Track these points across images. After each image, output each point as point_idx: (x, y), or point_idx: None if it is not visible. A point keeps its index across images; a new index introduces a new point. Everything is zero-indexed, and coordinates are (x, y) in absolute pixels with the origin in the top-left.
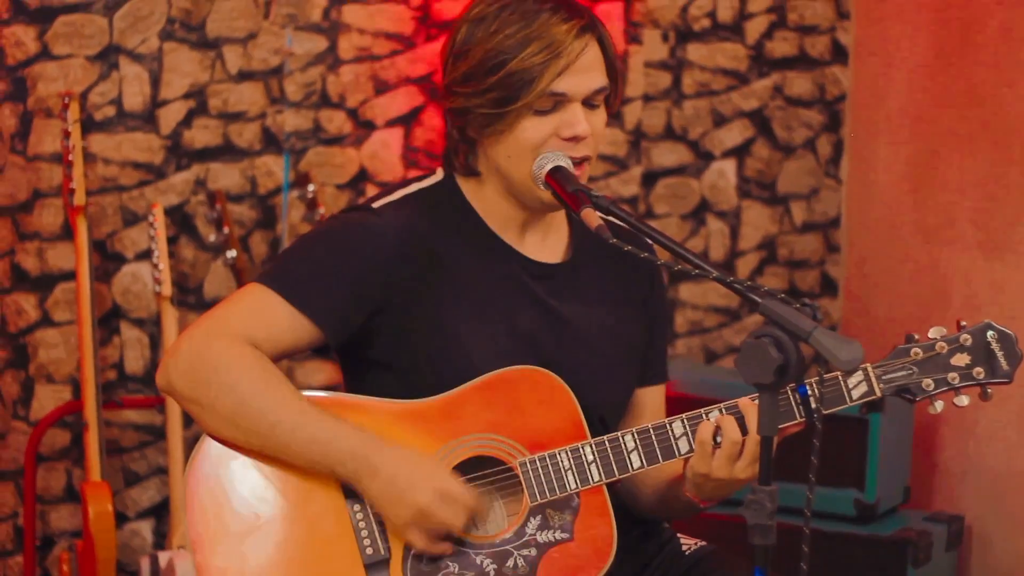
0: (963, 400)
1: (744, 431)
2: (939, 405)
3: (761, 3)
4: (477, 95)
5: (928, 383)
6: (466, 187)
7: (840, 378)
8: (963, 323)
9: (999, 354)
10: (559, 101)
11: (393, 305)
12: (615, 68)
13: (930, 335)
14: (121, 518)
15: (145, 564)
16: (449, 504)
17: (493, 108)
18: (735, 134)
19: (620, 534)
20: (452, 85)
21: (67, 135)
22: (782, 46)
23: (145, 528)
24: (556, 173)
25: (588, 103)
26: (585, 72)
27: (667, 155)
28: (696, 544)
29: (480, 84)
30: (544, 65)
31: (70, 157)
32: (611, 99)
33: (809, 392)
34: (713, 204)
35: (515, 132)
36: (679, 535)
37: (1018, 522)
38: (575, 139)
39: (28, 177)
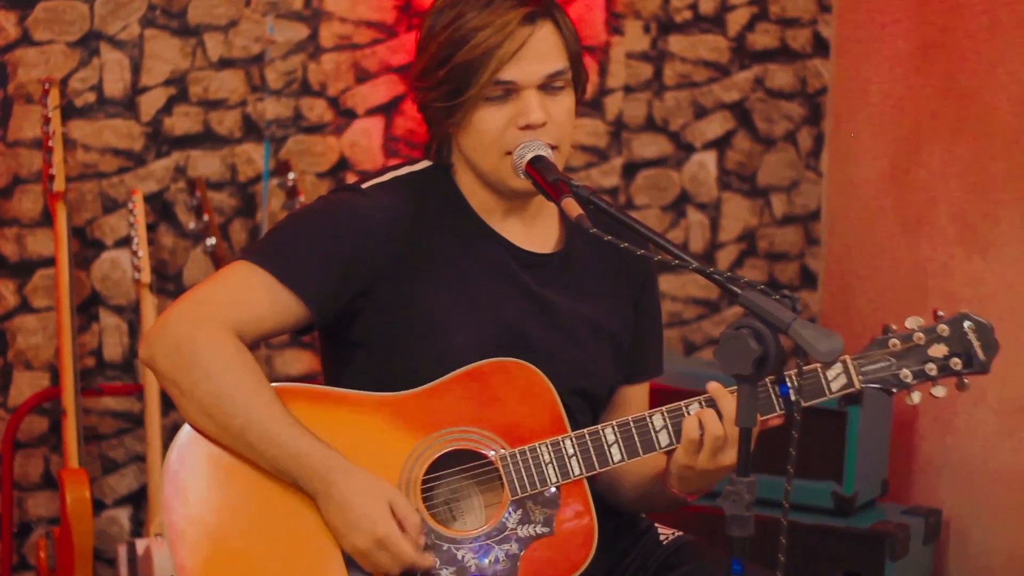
0: (940, 391)
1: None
2: (916, 396)
3: None
4: (432, 89)
5: (906, 374)
6: (455, 174)
7: (819, 370)
8: (940, 313)
9: (976, 344)
10: (510, 89)
11: (379, 286)
12: (574, 50)
13: (907, 325)
14: (99, 505)
15: (122, 551)
16: (388, 552)
17: (446, 101)
18: (716, 126)
19: (598, 525)
20: (413, 81)
21: (47, 121)
22: (763, 38)
23: (123, 515)
24: (536, 163)
25: (547, 89)
26: (536, 59)
27: (648, 146)
28: (673, 534)
29: (432, 79)
30: (487, 55)
31: (50, 143)
32: (577, 82)
33: (790, 388)
34: (693, 196)
35: (473, 124)
36: (656, 525)
37: (996, 515)
38: (529, 127)
39: (7, 163)
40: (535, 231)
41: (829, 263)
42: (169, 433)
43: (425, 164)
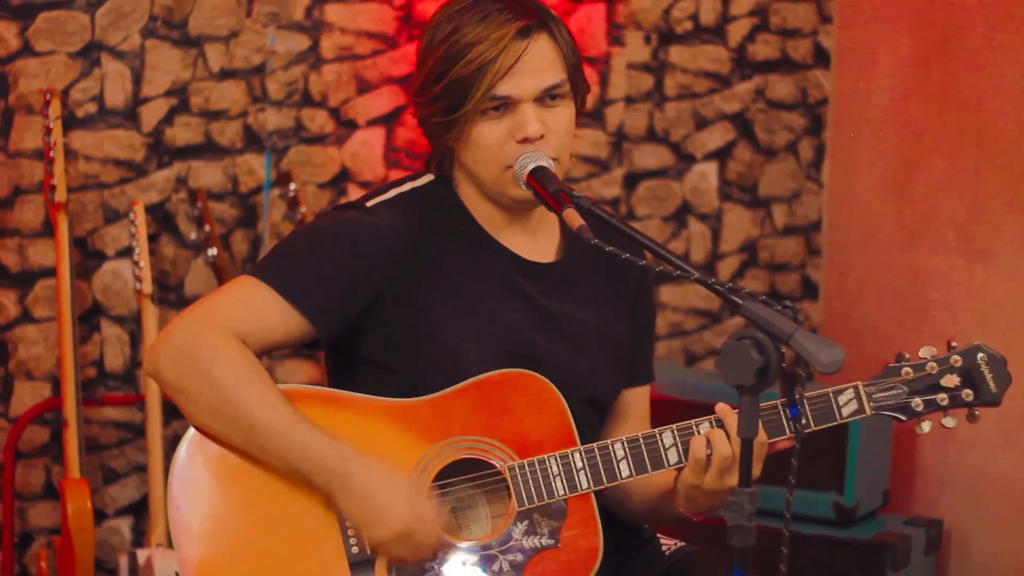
0: (950, 421)
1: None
2: (926, 425)
3: (744, 6)
4: (429, 104)
5: (917, 403)
6: (458, 186)
7: (831, 395)
8: (953, 344)
9: (988, 376)
10: (507, 104)
11: (385, 303)
12: (572, 61)
13: (920, 355)
14: (100, 515)
15: (123, 562)
16: (413, 541)
17: (444, 116)
18: (717, 137)
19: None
20: (412, 96)
21: (48, 131)
22: (764, 49)
23: (124, 526)
24: (538, 173)
25: (544, 101)
26: (531, 72)
27: (649, 157)
28: (676, 544)
29: (429, 94)
30: (481, 71)
31: (51, 154)
32: (576, 92)
33: (800, 411)
34: (694, 206)
35: (472, 138)
36: (659, 535)
37: (997, 526)
38: (527, 141)
39: (9, 173)
40: (538, 241)
41: (830, 274)
42: (170, 443)
43: (428, 178)
